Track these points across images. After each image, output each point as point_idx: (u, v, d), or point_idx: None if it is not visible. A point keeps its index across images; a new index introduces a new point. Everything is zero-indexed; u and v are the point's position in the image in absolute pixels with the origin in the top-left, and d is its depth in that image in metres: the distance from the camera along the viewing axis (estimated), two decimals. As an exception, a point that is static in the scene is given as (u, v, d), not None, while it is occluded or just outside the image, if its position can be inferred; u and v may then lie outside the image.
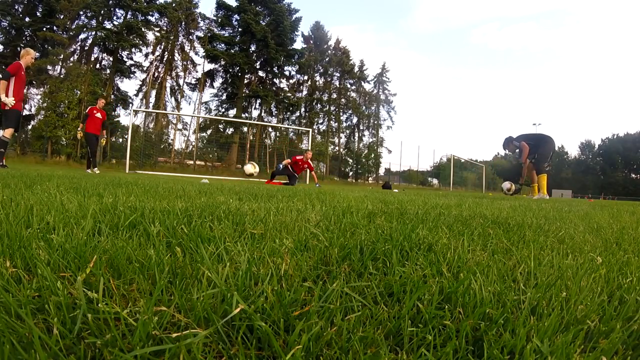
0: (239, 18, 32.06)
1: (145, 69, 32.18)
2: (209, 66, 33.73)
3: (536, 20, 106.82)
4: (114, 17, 29.30)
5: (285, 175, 9.65)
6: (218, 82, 34.29)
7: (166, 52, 32.86)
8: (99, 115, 9.00)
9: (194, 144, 33.43)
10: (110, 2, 28.40)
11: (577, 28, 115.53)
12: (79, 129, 9.08)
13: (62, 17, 27.73)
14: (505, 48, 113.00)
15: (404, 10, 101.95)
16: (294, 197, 2.51)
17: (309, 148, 11.05)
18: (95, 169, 9.18)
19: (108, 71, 30.27)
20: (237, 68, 32.69)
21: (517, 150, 7.94)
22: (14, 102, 6.16)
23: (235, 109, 33.47)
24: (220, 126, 33.07)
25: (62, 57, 27.91)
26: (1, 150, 6.34)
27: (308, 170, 10.50)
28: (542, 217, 2.03)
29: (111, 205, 1.30)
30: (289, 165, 9.56)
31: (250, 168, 7.81)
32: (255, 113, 35.23)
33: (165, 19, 31.48)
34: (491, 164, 59.94)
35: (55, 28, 28.16)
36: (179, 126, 33.58)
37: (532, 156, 7.82)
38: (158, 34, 31.63)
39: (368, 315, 0.52)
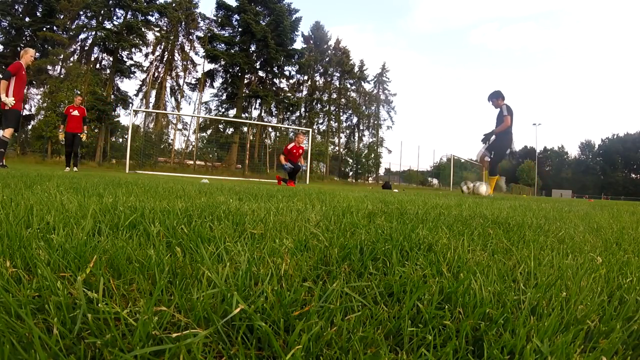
0: (239, 18, 32.07)
1: (145, 69, 32.20)
2: (209, 66, 33.78)
3: (535, 20, 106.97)
4: (114, 17, 29.33)
5: (290, 170, 9.25)
6: (218, 82, 34.34)
7: (166, 52, 32.88)
8: (76, 112, 8.82)
9: (194, 144, 33.47)
10: (110, 2, 28.40)
11: (576, 28, 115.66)
12: (60, 130, 8.88)
13: (62, 17, 27.74)
14: (504, 48, 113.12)
15: (403, 10, 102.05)
16: (294, 197, 2.51)
17: (300, 132, 10.46)
18: (75, 168, 8.95)
19: (108, 71, 30.27)
20: (237, 68, 32.69)
21: (501, 114, 7.01)
22: (14, 102, 6.16)
23: (235, 109, 33.48)
24: (220, 126, 33.07)
25: (62, 57, 27.93)
26: (1, 150, 6.35)
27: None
28: (542, 217, 2.03)
29: (111, 205, 1.30)
30: (285, 162, 9.18)
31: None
32: (255, 113, 35.28)
33: (165, 19, 31.49)
34: (491, 164, 59.80)
35: (55, 28, 28.17)
36: (179, 126, 33.63)
37: (490, 150, 7.23)
38: (158, 34, 31.65)
39: (368, 315, 0.52)
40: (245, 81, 33.79)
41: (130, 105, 31.04)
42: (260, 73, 34.85)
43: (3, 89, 6.08)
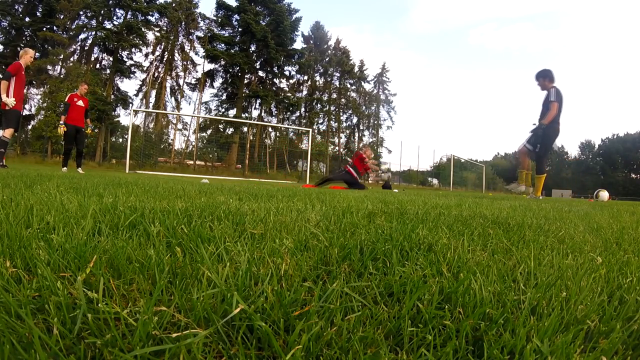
0: (239, 18, 32.08)
1: (145, 69, 32.23)
2: (209, 66, 33.80)
3: (533, 20, 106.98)
4: (114, 17, 29.37)
5: (342, 180, 8.14)
6: (218, 82, 34.36)
7: (166, 52, 32.89)
8: (80, 103, 7.65)
9: (194, 144, 33.49)
10: (110, 2, 28.42)
11: (574, 29, 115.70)
12: (60, 122, 7.54)
13: (62, 17, 27.77)
14: (503, 48, 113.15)
15: (400, 11, 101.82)
16: (294, 197, 2.51)
17: (366, 144, 8.98)
18: (79, 169, 7.86)
19: (108, 71, 30.30)
20: (237, 68, 32.71)
21: (547, 99, 6.13)
22: (15, 102, 6.17)
23: (235, 109, 33.50)
24: (220, 126, 33.09)
25: (62, 57, 27.96)
26: (1, 150, 6.32)
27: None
28: (542, 217, 2.02)
29: (111, 205, 1.30)
30: (352, 170, 7.95)
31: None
32: (255, 113, 35.31)
33: (165, 19, 31.52)
34: (491, 164, 60.02)
35: (55, 28, 28.20)
36: (179, 126, 33.65)
37: (534, 144, 6.35)
38: (158, 34, 31.67)
39: (368, 315, 0.52)
40: (245, 81, 33.80)
41: (130, 105, 31.09)
42: (260, 73, 34.86)
43: (3, 89, 6.10)
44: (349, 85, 40.93)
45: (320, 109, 39.15)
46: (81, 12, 28.44)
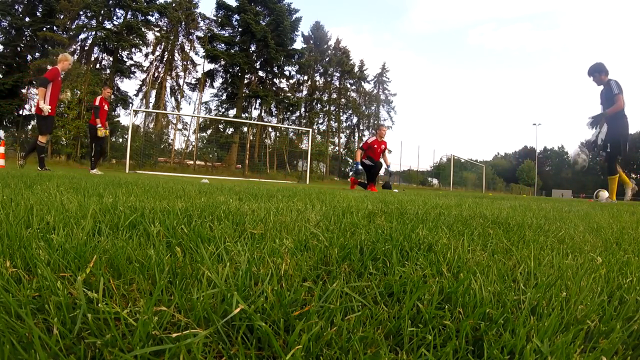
0: (239, 18, 32.08)
1: (145, 69, 32.21)
2: (209, 66, 33.78)
3: (531, 20, 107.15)
4: (114, 17, 29.36)
5: (364, 172, 7.94)
6: (218, 82, 34.34)
7: (166, 52, 32.86)
8: (106, 107, 8.13)
9: (194, 144, 33.44)
10: (110, 2, 28.42)
11: (573, 28, 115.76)
12: (99, 126, 7.83)
13: (62, 17, 27.75)
14: (502, 48, 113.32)
15: (399, 11, 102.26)
16: (294, 197, 2.51)
17: (383, 124, 8.67)
18: (95, 169, 8.32)
19: (108, 71, 30.27)
20: (237, 68, 32.70)
21: (610, 92, 5.56)
22: (50, 110, 6.23)
23: (235, 109, 33.50)
24: (220, 126, 33.07)
25: (62, 57, 27.87)
26: (42, 156, 6.64)
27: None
28: (542, 217, 2.02)
29: (111, 205, 1.30)
30: (363, 159, 7.73)
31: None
32: (255, 113, 35.28)
33: (165, 19, 31.50)
34: (491, 164, 60.08)
35: (55, 28, 28.18)
36: (179, 126, 33.59)
37: (605, 144, 5.72)
38: (158, 34, 31.65)
39: (368, 315, 0.52)
40: (245, 81, 33.78)
41: (130, 105, 31.06)
42: (260, 73, 34.85)
43: (42, 96, 6.17)
44: (349, 85, 40.90)
45: (320, 109, 39.11)
46: (81, 12, 28.40)
